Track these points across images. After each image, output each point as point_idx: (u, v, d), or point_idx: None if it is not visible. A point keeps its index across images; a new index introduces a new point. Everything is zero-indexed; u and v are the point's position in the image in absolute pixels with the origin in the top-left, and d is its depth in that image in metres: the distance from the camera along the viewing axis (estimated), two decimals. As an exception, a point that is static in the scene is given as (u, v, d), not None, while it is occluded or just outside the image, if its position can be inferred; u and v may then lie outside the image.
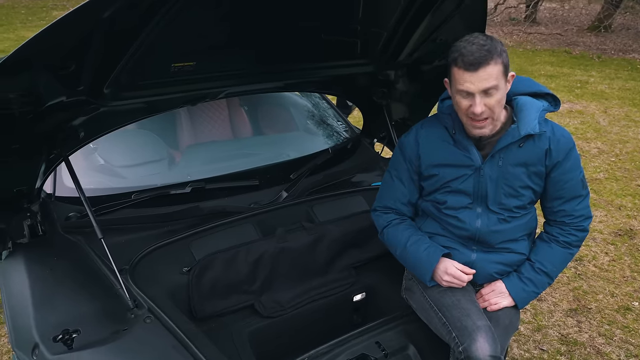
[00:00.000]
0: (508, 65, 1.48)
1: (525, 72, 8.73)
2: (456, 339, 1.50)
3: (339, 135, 2.82)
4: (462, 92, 1.47)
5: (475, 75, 1.42)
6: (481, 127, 1.52)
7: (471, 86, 1.44)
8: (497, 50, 1.43)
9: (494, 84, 1.43)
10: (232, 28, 1.69)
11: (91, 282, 1.69)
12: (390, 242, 1.79)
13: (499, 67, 1.44)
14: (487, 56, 1.41)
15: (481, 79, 1.42)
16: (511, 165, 1.59)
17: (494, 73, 1.43)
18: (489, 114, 1.48)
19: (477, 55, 1.41)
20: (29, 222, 1.84)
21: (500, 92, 1.46)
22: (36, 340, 1.45)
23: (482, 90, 1.44)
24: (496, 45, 1.44)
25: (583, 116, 6.45)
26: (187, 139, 2.68)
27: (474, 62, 1.41)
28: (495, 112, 1.49)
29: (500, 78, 1.45)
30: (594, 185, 4.52)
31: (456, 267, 1.63)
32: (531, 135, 1.56)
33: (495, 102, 1.47)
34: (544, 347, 2.61)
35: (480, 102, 1.45)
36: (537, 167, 1.59)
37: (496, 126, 1.57)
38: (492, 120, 1.51)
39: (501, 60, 1.44)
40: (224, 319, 1.85)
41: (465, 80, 1.44)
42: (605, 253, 3.48)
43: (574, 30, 12.61)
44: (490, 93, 1.45)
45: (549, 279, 1.68)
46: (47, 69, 1.32)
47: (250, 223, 2.02)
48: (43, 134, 1.62)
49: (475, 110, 1.46)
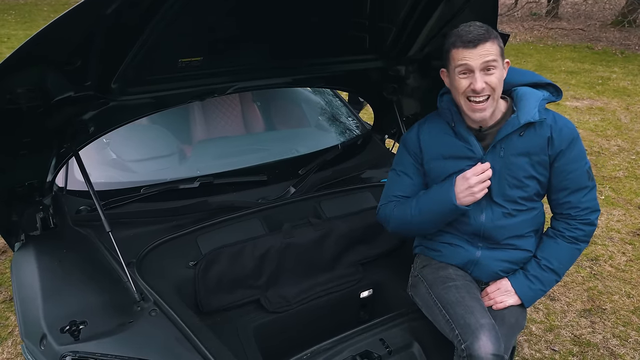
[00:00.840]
0: (503, 49, 1.54)
1: (545, 68, 8.58)
2: (459, 336, 1.48)
3: (350, 131, 2.81)
4: (461, 69, 1.50)
5: (474, 52, 1.47)
6: (482, 110, 1.52)
7: (470, 61, 1.48)
8: (493, 33, 1.50)
9: (493, 59, 1.47)
10: (240, 23, 1.70)
11: (99, 275, 1.72)
12: (399, 217, 1.70)
13: (496, 46, 1.49)
14: (485, 34, 1.47)
15: (480, 55, 1.47)
16: (513, 155, 1.57)
17: (492, 50, 1.48)
18: (489, 91, 1.50)
19: (475, 33, 1.47)
20: (41, 215, 1.88)
21: (498, 71, 1.50)
22: (44, 331, 1.48)
23: (482, 64, 1.47)
24: (491, 30, 1.51)
25: (604, 113, 6.31)
26: (200, 134, 2.70)
27: (473, 39, 1.47)
28: (496, 92, 1.51)
29: (498, 56, 1.49)
30: (612, 183, 4.42)
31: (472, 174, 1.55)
32: (532, 124, 1.55)
33: (496, 80, 1.49)
34: (556, 347, 2.57)
35: (480, 78, 1.48)
36: (540, 156, 1.58)
37: (495, 115, 1.57)
38: (492, 102, 1.51)
39: (497, 42, 1.50)
40: (229, 313, 1.87)
41: (465, 56, 1.48)
42: (622, 253, 3.40)
43: (596, 25, 12.34)
44: (489, 70, 1.48)
45: (556, 276, 1.65)
46: (53, 65, 1.34)
47: (258, 218, 2.03)
48: (53, 128, 1.64)
49: (476, 86, 1.48)
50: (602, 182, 4.43)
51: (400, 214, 1.70)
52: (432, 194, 1.66)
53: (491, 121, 1.58)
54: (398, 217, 1.71)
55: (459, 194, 1.58)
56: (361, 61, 2.16)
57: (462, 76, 1.51)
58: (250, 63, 1.91)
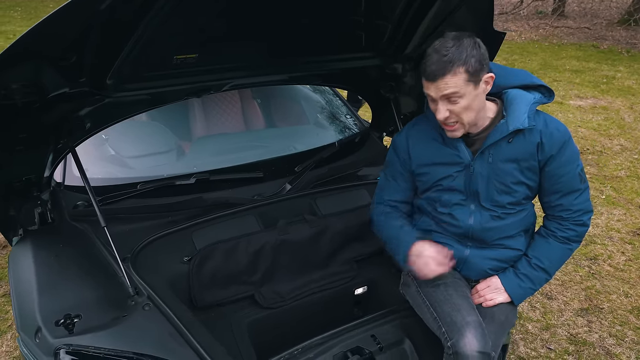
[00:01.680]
0: (479, 70, 1.44)
1: (549, 67, 8.54)
2: (445, 334, 1.49)
3: (348, 129, 2.82)
4: (428, 96, 1.51)
5: (434, 85, 1.46)
6: (452, 131, 1.53)
7: (432, 93, 1.48)
8: (460, 60, 1.41)
9: (454, 91, 1.43)
10: (235, 20, 1.70)
11: (95, 269, 1.74)
12: (378, 226, 1.80)
13: (460, 76, 1.42)
14: (445, 67, 1.41)
15: (438, 87, 1.45)
16: (501, 161, 1.57)
17: (451, 83, 1.43)
18: (455, 119, 1.49)
19: (434, 68, 1.43)
20: (39, 210, 1.90)
21: (465, 99, 1.45)
22: (39, 324, 1.50)
23: (441, 96, 1.46)
24: (462, 52, 1.41)
25: (607, 112, 6.28)
26: (199, 130, 2.72)
27: (431, 73, 1.44)
28: (464, 119, 1.49)
29: (461, 86, 1.43)
30: (614, 183, 4.40)
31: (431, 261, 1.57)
32: (521, 130, 1.54)
33: (461, 109, 1.47)
34: (552, 346, 2.57)
35: (442, 108, 1.47)
36: (529, 162, 1.57)
37: (483, 122, 1.56)
38: (461, 125, 1.52)
39: (465, 68, 1.41)
40: (223, 308, 1.88)
41: (427, 87, 1.49)
42: (621, 252, 3.39)
43: (603, 23, 12.26)
44: (452, 100, 1.46)
45: (546, 275, 1.66)
46: (47, 61, 1.35)
47: (253, 215, 2.04)
48: (49, 124, 1.66)
49: (437, 116, 1.49)
50: (604, 182, 4.42)
51: (378, 229, 1.81)
52: (395, 239, 1.70)
53: (479, 128, 1.57)
54: (377, 229, 1.82)
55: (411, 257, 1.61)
56: (357, 59, 2.16)
57: (431, 102, 1.53)
58: (246, 60, 1.92)
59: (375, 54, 2.17)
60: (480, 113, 1.53)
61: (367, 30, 2.03)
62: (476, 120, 1.53)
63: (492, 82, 1.51)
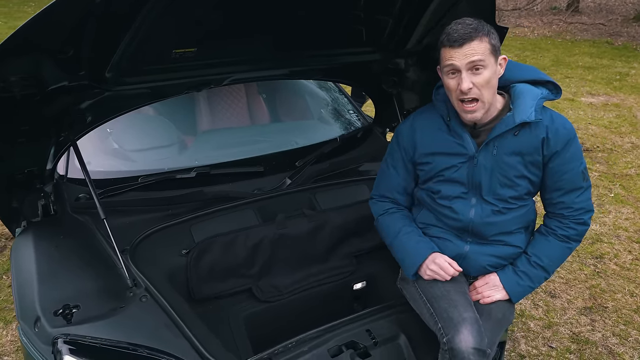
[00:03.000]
0: (498, 47, 1.50)
1: (561, 63, 8.44)
2: (441, 329, 1.49)
3: (351, 124, 2.81)
4: (449, 69, 1.48)
5: (459, 51, 1.44)
6: (472, 111, 1.50)
7: (456, 61, 1.45)
8: (484, 30, 1.46)
9: (480, 59, 1.44)
10: (234, 14, 1.70)
11: (94, 261, 1.76)
12: (382, 230, 1.79)
13: (485, 44, 1.45)
14: (471, 33, 1.44)
15: (466, 54, 1.44)
16: (506, 154, 1.56)
17: (479, 49, 1.44)
18: (477, 94, 1.47)
19: (461, 32, 1.44)
20: (42, 202, 1.93)
21: (488, 70, 1.46)
22: (38, 314, 1.52)
23: (467, 64, 1.45)
24: (484, 26, 1.47)
25: (619, 109, 6.20)
26: (204, 124, 2.73)
27: (458, 38, 1.44)
28: (484, 94, 1.48)
29: (487, 55, 1.45)
30: (624, 181, 4.35)
31: (444, 259, 1.61)
32: (527, 124, 1.53)
33: (483, 81, 1.45)
34: (554, 344, 2.55)
35: (466, 78, 1.45)
36: (534, 156, 1.56)
37: (491, 112, 1.54)
38: (482, 104, 1.49)
39: (488, 39, 1.46)
40: (221, 301, 1.89)
41: (451, 56, 1.46)
42: (628, 251, 3.35)
43: (618, 20, 12.07)
44: (477, 70, 1.45)
45: (545, 273, 1.64)
46: (45, 53, 1.36)
47: (252, 209, 2.05)
48: (50, 117, 1.68)
49: (462, 86, 1.45)
50: (613, 180, 4.36)
51: (383, 227, 1.80)
52: (406, 246, 1.69)
53: (486, 118, 1.56)
54: (380, 226, 1.81)
55: (427, 267, 1.63)
56: (358, 54, 2.15)
57: (450, 76, 1.49)
58: (246, 54, 1.92)
59: (376, 49, 2.15)
60: (493, 99, 1.53)
61: (368, 25, 2.02)
62: (490, 104, 1.53)
63: (505, 65, 1.54)
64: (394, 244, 1.73)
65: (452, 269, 1.61)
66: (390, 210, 1.78)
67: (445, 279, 1.62)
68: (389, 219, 1.77)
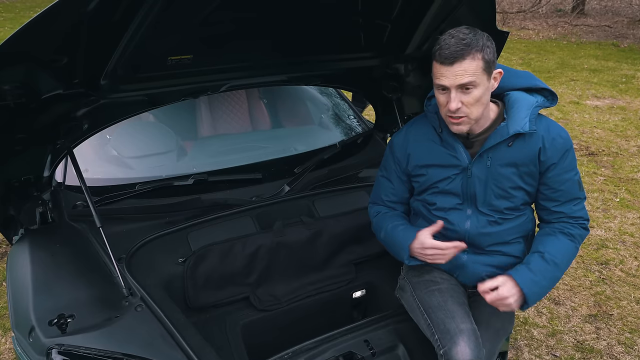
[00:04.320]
0: (493, 61, 1.42)
1: (567, 66, 8.38)
2: (438, 341, 1.46)
3: (351, 130, 2.79)
4: (439, 87, 1.43)
5: (450, 70, 1.38)
6: (458, 124, 1.46)
7: (446, 80, 1.39)
8: (477, 45, 1.37)
9: (470, 80, 1.38)
10: (230, 21, 1.69)
11: (90, 270, 1.74)
12: (376, 227, 1.77)
13: (478, 62, 1.38)
14: (463, 50, 1.36)
15: (456, 75, 1.37)
16: (500, 165, 1.52)
17: (470, 69, 1.37)
18: (465, 112, 1.42)
19: (453, 49, 1.36)
20: (40, 210, 1.92)
21: (479, 89, 1.40)
22: (33, 323, 1.51)
23: (457, 85, 1.39)
24: (478, 39, 1.38)
25: (625, 112, 6.14)
26: (205, 130, 2.72)
27: (449, 55, 1.36)
28: (473, 113, 1.43)
29: (478, 74, 1.39)
30: (629, 185, 4.30)
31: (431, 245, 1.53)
32: (522, 134, 1.49)
33: (473, 100, 1.41)
34: (557, 353, 2.51)
35: (455, 97, 1.40)
36: (529, 167, 1.52)
37: (483, 122, 1.51)
38: (468, 120, 1.45)
39: (481, 55, 1.38)
40: (218, 310, 1.88)
41: (442, 74, 1.40)
42: (634, 257, 3.31)
43: (624, 22, 12.00)
44: (467, 90, 1.40)
45: (559, 272, 1.53)
46: (38, 62, 1.36)
47: (250, 216, 2.03)
48: (47, 125, 1.67)
49: (450, 106, 1.41)
50: (618, 184, 4.32)
51: (376, 227, 1.77)
52: (395, 236, 1.66)
53: (479, 128, 1.53)
54: (375, 227, 1.78)
55: (414, 249, 1.59)
56: (357, 59, 2.14)
57: (440, 91, 1.45)
58: (243, 61, 1.91)
59: (374, 54, 2.14)
60: (484, 111, 1.49)
61: (367, 30, 2.00)
62: (480, 118, 1.48)
63: (499, 79, 1.48)
64: (386, 236, 1.70)
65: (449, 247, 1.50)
66: (383, 211, 1.77)
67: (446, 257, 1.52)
68: (382, 217, 1.75)
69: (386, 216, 1.75)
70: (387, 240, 1.71)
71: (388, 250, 1.76)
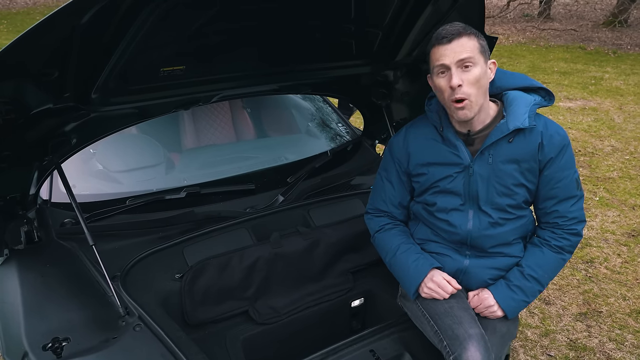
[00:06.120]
0: (487, 50, 1.50)
1: (538, 69, 8.59)
2: (447, 347, 1.45)
3: (340, 137, 2.78)
4: (439, 69, 1.47)
5: (449, 47, 1.44)
6: (462, 108, 1.46)
7: (446, 59, 1.44)
8: (472, 31, 1.47)
9: (469, 56, 1.43)
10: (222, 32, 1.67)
11: (83, 290, 1.68)
12: (380, 247, 1.76)
13: (474, 42, 1.45)
14: (460, 31, 1.45)
15: (455, 51, 1.43)
16: (502, 162, 1.54)
17: (468, 45, 1.43)
18: (467, 92, 1.44)
19: (450, 30, 1.45)
20: (25, 229, 1.84)
21: (477, 68, 1.44)
22: (25, 349, 1.44)
23: (457, 62, 1.43)
24: (472, 28, 1.48)
25: (597, 113, 6.32)
26: (189, 142, 2.67)
27: (447, 34, 1.44)
28: (473, 93, 1.45)
29: (476, 53, 1.45)
30: (607, 184, 4.41)
31: (443, 277, 1.58)
32: (521, 130, 1.52)
33: (473, 79, 1.44)
34: (552, 352, 2.54)
35: (456, 74, 1.43)
36: (530, 163, 1.54)
37: (484, 119, 1.53)
38: (471, 103, 1.46)
39: (477, 38, 1.47)
40: (217, 325, 1.83)
41: (441, 54, 1.45)
42: (617, 255, 3.38)
43: (589, 25, 12.39)
44: (466, 67, 1.44)
45: (539, 286, 1.60)
46: (28, 76, 1.31)
47: (245, 228, 2.00)
48: (34, 141, 1.61)
49: (452, 82, 1.43)
50: (597, 183, 4.42)
51: (380, 244, 1.77)
52: (405, 265, 1.65)
53: (480, 125, 1.54)
54: (377, 243, 1.78)
55: (425, 285, 1.60)
56: (348, 67, 2.13)
57: (440, 75, 1.48)
58: (234, 71, 1.88)
59: (366, 62, 2.13)
60: (485, 103, 1.51)
61: (357, 38, 2.00)
62: (481, 109, 1.50)
63: (494, 70, 1.54)
64: (393, 263, 1.69)
65: (451, 286, 1.57)
66: (386, 226, 1.75)
67: (444, 297, 1.58)
68: (386, 236, 1.73)
69: (391, 233, 1.73)
70: (395, 267, 1.70)
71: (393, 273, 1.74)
